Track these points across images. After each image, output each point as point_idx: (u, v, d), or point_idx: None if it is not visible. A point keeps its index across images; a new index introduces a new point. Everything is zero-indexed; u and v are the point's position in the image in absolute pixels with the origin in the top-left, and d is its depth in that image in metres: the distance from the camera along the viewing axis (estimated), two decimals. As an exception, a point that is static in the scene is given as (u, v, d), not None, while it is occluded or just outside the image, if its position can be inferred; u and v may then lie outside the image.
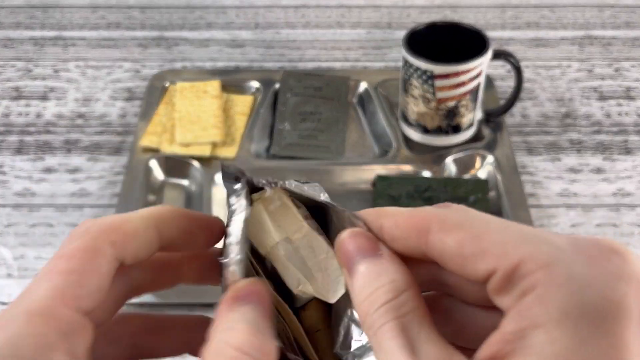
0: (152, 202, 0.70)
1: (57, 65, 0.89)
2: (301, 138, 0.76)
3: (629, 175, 0.73)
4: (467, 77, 0.69)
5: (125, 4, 1.00)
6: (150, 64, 0.89)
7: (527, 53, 0.90)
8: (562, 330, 0.18)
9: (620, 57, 0.89)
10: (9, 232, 0.68)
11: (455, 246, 0.21)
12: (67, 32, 0.95)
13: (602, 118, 0.80)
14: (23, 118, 0.81)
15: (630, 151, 0.76)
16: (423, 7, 0.99)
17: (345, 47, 0.92)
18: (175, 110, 0.77)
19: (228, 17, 0.98)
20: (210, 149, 0.73)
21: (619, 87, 0.84)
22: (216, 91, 0.80)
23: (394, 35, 0.94)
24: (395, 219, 0.23)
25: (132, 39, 0.94)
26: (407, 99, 0.73)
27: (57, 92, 0.85)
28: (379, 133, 0.77)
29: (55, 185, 0.73)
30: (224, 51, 0.92)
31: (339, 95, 0.81)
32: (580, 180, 0.72)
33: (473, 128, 0.75)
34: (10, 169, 0.75)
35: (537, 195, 0.71)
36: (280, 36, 0.94)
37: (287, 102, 0.80)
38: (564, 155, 0.75)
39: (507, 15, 0.97)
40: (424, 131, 0.74)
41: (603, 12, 0.97)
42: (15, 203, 0.71)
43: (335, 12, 0.98)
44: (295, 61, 0.89)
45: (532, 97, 0.83)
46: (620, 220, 0.68)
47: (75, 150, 0.77)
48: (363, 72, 0.85)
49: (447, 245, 0.21)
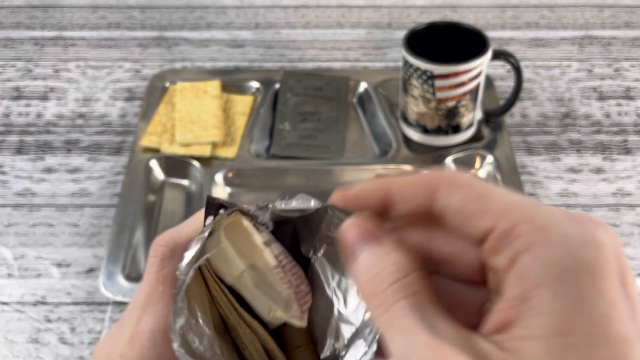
0: (152, 202, 0.70)
1: (57, 65, 0.89)
2: (301, 138, 0.76)
3: (629, 175, 0.73)
4: (467, 77, 0.69)
5: (125, 4, 1.00)
6: (150, 64, 0.89)
7: (527, 53, 0.90)
8: (565, 287, 0.19)
9: (620, 57, 0.89)
10: (9, 232, 0.68)
11: (460, 203, 0.22)
12: (67, 32, 0.95)
13: (601, 118, 0.80)
14: (23, 118, 0.81)
15: (630, 151, 0.76)
16: (423, 7, 0.99)
17: (345, 47, 0.92)
18: (175, 110, 0.77)
19: (228, 17, 0.98)
20: (210, 149, 0.73)
21: (618, 87, 0.85)
22: (216, 91, 0.80)
23: (394, 35, 0.94)
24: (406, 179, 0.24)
25: (132, 39, 0.94)
26: (407, 99, 0.73)
27: (57, 92, 0.85)
28: (379, 133, 0.77)
29: (55, 185, 0.73)
30: (224, 51, 0.92)
31: (339, 95, 0.81)
32: (580, 180, 0.72)
33: (473, 128, 0.75)
34: (10, 169, 0.75)
35: (537, 195, 0.71)
36: (280, 36, 0.94)
37: (287, 102, 0.80)
38: (563, 155, 0.75)
39: (507, 15, 0.97)
40: (424, 131, 0.74)
41: (603, 12, 0.97)
42: (16, 203, 0.71)
43: (335, 12, 0.98)
44: (295, 61, 0.90)
45: (532, 97, 0.83)
46: (620, 220, 0.68)
47: (76, 150, 0.77)
48: (363, 72, 0.85)
49: (453, 201, 0.22)
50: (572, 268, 0.19)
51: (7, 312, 0.61)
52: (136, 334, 0.28)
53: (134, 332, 0.28)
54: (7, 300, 0.62)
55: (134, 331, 0.28)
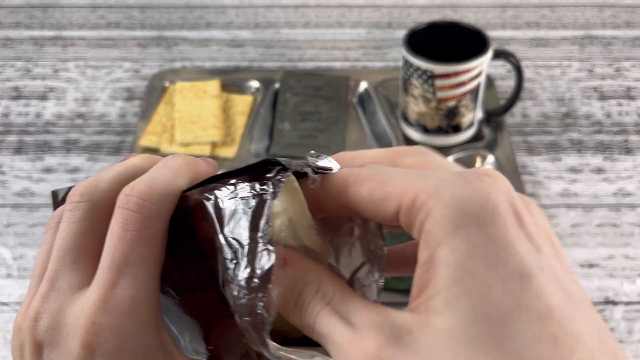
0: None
1: (56, 65, 0.89)
2: (301, 138, 0.76)
3: (630, 175, 0.73)
4: (468, 76, 0.69)
5: (125, 4, 1.00)
6: (149, 63, 0.89)
7: (527, 53, 0.90)
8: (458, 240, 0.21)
9: (621, 56, 0.89)
10: (9, 232, 0.68)
11: (367, 194, 0.24)
12: (67, 32, 0.95)
13: (602, 118, 0.80)
14: (22, 118, 0.81)
15: (631, 151, 0.76)
16: (423, 7, 0.99)
17: (345, 47, 0.92)
18: (175, 110, 0.77)
19: (228, 16, 0.98)
20: (210, 148, 0.73)
21: (619, 87, 0.84)
22: (216, 91, 0.80)
23: (394, 35, 0.93)
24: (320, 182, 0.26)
25: (132, 38, 0.94)
26: (407, 98, 0.73)
27: (56, 92, 0.85)
28: (379, 133, 0.77)
29: (54, 185, 0.72)
30: (224, 51, 0.91)
31: (339, 95, 0.81)
32: (580, 180, 0.72)
33: (473, 128, 0.75)
34: (9, 169, 0.75)
35: (538, 195, 0.71)
36: (280, 36, 0.94)
37: (287, 102, 0.80)
38: (564, 155, 0.75)
39: (508, 14, 0.97)
40: (424, 131, 0.74)
41: (603, 11, 0.97)
42: (15, 203, 0.71)
43: (335, 12, 0.98)
44: (295, 61, 0.89)
45: (532, 97, 0.83)
46: (621, 220, 0.68)
47: (75, 150, 0.77)
48: (363, 71, 0.85)
49: (361, 195, 0.24)
50: (462, 221, 0.21)
51: (6, 312, 0.61)
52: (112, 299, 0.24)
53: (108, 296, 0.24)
54: (7, 300, 0.62)
55: (108, 295, 0.24)
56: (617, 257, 0.65)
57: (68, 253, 0.26)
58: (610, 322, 0.59)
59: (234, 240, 0.24)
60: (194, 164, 0.28)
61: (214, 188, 0.25)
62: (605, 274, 0.63)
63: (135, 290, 0.24)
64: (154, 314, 0.25)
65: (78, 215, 0.26)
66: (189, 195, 0.26)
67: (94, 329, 0.24)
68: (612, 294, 0.62)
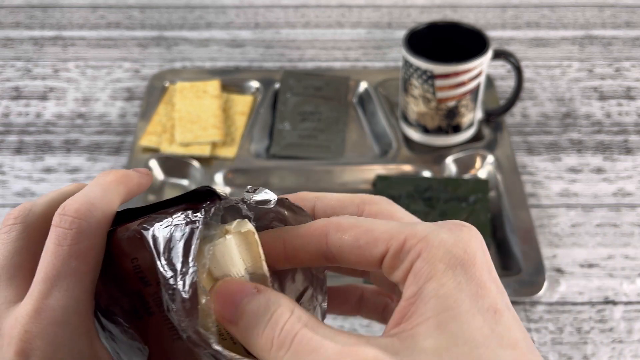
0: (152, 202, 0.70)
1: (56, 65, 0.89)
2: (301, 138, 0.76)
3: (629, 175, 0.73)
4: (467, 76, 0.69)
5: (125, 4, 1.00)
6: (150, 63, 0.89)
7: (527, 53, 0.90)
8: (447, 277, 0.24)
9: (621, 56, 0.89)
10: (9, 232, 0.68)
11: (352, 240, 0.26)
12: (67, 32, 0.95)
13: (602, 118, 0.80)
14: (23, 118, 0.81)
15: (631, 151, 0.76)
16: (423, 7, 0.99)
17: (345, 47, 0.92)
18: (175, 110, 0.77)
19: (228, 16, 0.98)
20: (210, 148, 0.73)
21: (619, 87, 0.84)
22: (216, 91, 0.80)
23: (394, 35, 0.94)
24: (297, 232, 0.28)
25: (132, 38, 0.94)
26: (407, 98, 0.73)
27: (56, 92, 0.85)
28: (379, 133, 0.77)
29: (55, 185, 0.72)
30: (224, 51, 0.91)
31: (339, 95, 0.81)
32: (580, 180, 0.72)
33: (473, 128, 0.75)
34: (10, 169, 0.75)
35: (538, 195, 0.71)
36: (280, 36, 0.94)
37: (287, 102, 0.80)
38: (564, 155, 0.75)
39: (508, 15, 0.97)
40: (424, 131, 0.74)
41: (603, 11, 0.97)
42: (15, 203, 0.71)
43: (335, 12, 0.98)
44: (295, 61, 0.89)
45: (532, 97, 0.83)
46: (621, 220, 0.68)
47: (75, 150, 0.77)
48: (363, 72, 0.85)
49: (345, 240, 0.27)
50: (450, 262, 0.25)
51: None
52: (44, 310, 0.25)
53: (40, 306, 0.25)
54: (6, 300, 0.62)
55: (40, 306, 0.25)
56: (617, 257, 0.65)
57: (3, 271, 0.27)
58: (610, 322, 0.59)
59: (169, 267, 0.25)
60: (124, 178, 0.29)
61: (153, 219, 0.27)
62: (605, 274, 0.63)
63: (67, 301, 0.26)
64: (86, 324, 0.26)
65: (12, 237, 0.28)
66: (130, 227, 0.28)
67: (27, 337, 0.25)
68: (611, 294, 0.62)
